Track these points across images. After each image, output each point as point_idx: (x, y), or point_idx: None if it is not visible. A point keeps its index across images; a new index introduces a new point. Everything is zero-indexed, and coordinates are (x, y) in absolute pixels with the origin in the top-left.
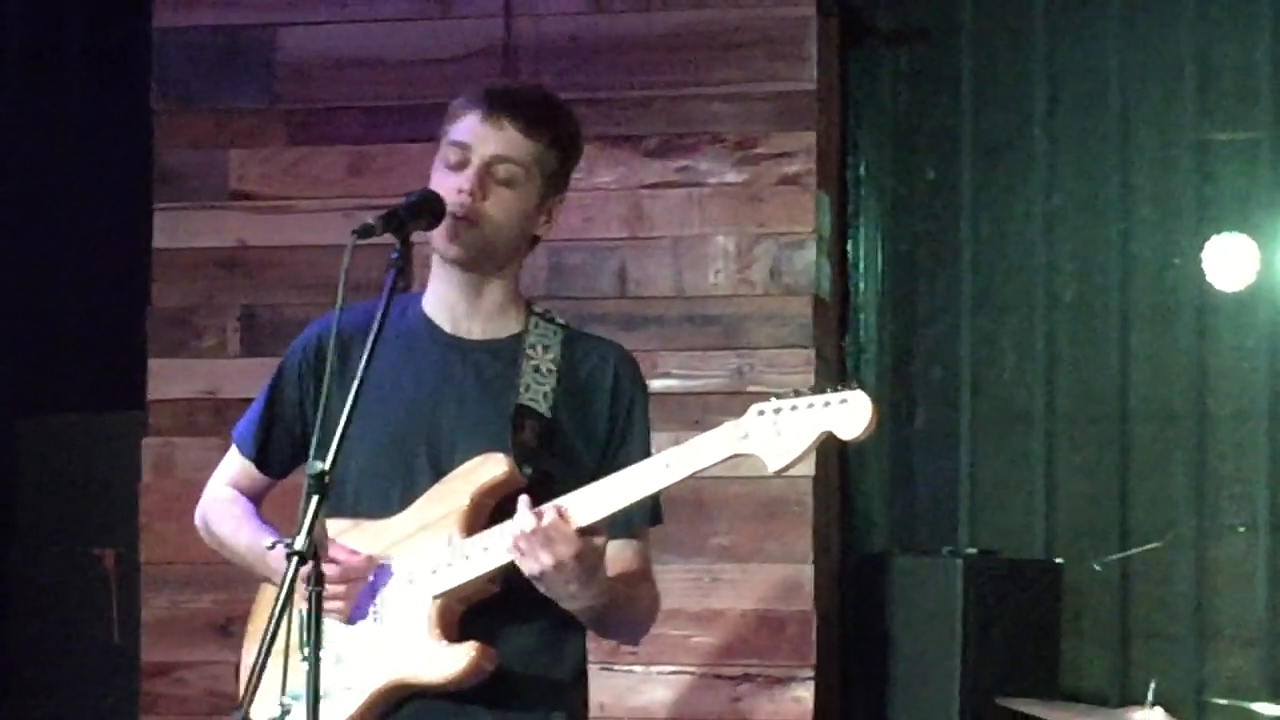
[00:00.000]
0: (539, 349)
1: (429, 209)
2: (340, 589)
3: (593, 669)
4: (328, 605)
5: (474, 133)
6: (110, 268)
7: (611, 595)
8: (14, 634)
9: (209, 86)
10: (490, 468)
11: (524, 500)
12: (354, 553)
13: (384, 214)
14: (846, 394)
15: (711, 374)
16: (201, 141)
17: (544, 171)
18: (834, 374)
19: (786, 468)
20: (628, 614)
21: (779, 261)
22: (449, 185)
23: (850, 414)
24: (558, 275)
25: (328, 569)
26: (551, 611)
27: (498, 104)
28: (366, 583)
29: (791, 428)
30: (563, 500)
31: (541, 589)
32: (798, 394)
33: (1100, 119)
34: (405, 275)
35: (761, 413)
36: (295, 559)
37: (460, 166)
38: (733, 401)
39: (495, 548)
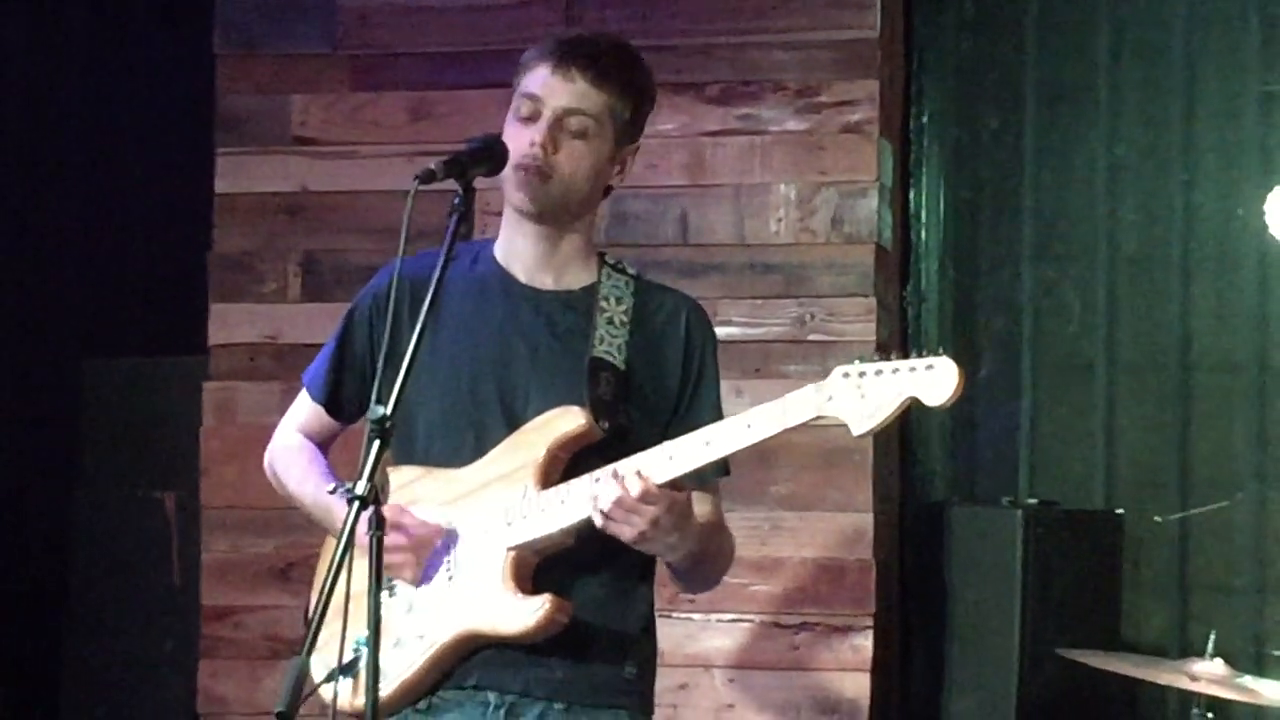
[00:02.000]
0: (612, 300)
1: (491, 155)
2: (409, 557)
3: (655, 615)
4: (398, 572)
5: (545, 84)
6: (172, 212)
7: (705, 539)
8: (76, 576)
9: (271, 31)
10: (567, 421)
11: (591, 480)
12: (424, 524)
13: (446, 159)
14: (933, 360)
15: (773, 322)
16: (264, 86)
17: (616, 122)
18: (895, 323)
19: (870, 431)
20: (715, 561)
21: (841, 210)
22: (521, 137)
23: (936, 380)
24: (619, 223)
25: (397, 536)
26: (620, 562)
27: (568, 55)
28: (433, 550)
29: (876, 392)
30: (640, 460)
31: (641, 548)
32: (882, 358)
33: (1164, 69)
34: (467, 221)
35: (846, 375)
36: (356, 504)
37: (532, 119)
38: (794, 350)
39: (572, 502)
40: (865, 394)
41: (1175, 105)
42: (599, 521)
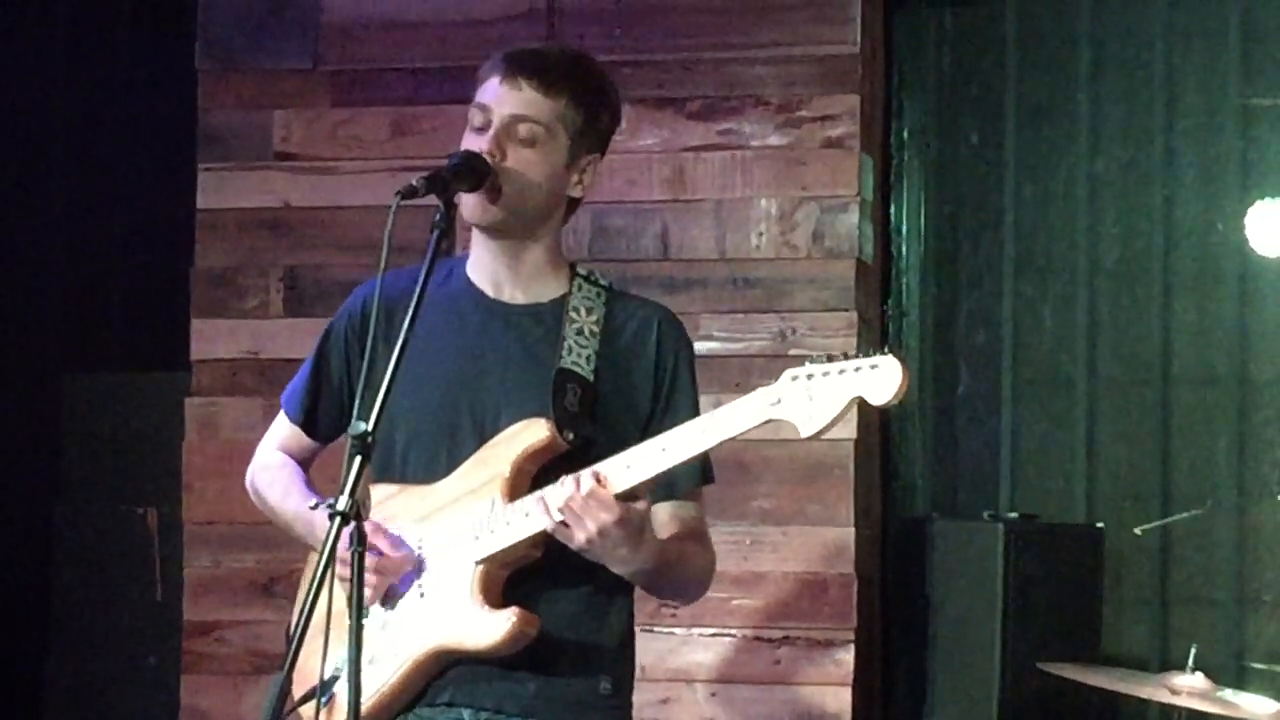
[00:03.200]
0: (582, 311)
1: (473, 170)
2: (375, 579)
3: (634, 630)
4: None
5: (494, 94)
6: (154, 228)
7: (661, 557)
8: (57, 591)
9: (253, 47)
10: (532, 433)
11: (566, 479)
12: (399, 545)
13: (428, 175)
14: (878, 359)
15: (754, 337)
16: (246, 102)
17: (568, 130)
18: (876, 337)
19: (819, 433)
20: (680, 575)
21: (822, 225)
22: (472, 147)
23: (881, 379)
24: (600, 237)
25: (369, 557)
26: (596, 577)
27: (516, 65)
28: (403, 575)
29: (823, 393)
30: (600, 466)
31: (589, 556)
32: (830, 359)
33: (1144, 83)
34: (448, 237)
35: (795, 378)
36: (338, 519)
37: (483, 128)
38: (775, 364)
39: (536, 513)
40: (812, 395)
41: (1155, 120)
42: (549, 525)
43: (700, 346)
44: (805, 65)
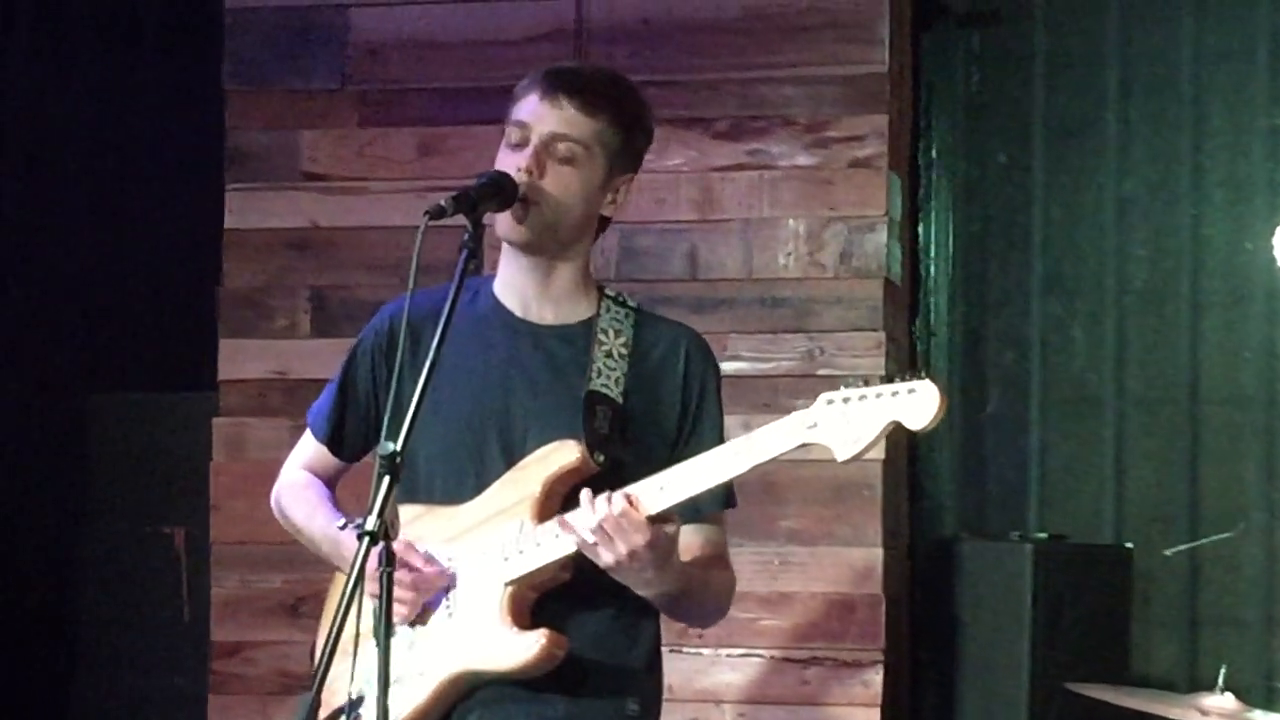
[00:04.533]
0: (610, 333)
1: (501, 190)
2: (409, 596)
3: (662, 651)
4: (395, 608)
5: (533, 112)
6: (182, 248)
7: (686, 581)
8: (85, 611)
9: (281, 67)
10: (563, 454)
11: (586, 492)
12: (431, 561)
13: (456, 195)
14: (915, 384)
15: (782, 357)
16: (273, 122)
17: (606, 150)
18: (904, 357)
19: (855, 457)
20: (702, 599)
21: (850, 244)
22: (509, 164)
23: (918, 404)
24: (629, 258)
25: (401, 574)
26: (624, 597)
27: (556, 83)
28: (436, 592)
29: (860, 417)
30: (632, 488)
31: (616, 577)
32: (866, 383)
33: (1172, 103)
34: (477, 257)
35: (830, 402)
36: (366, 539)
37: (520, 145)
38: (803, 384)
39: (565, 534)
40: (849, 419)
41: (1183, 140)
42: (579, 543)
43: (728, 367)
44: (833, 85)
